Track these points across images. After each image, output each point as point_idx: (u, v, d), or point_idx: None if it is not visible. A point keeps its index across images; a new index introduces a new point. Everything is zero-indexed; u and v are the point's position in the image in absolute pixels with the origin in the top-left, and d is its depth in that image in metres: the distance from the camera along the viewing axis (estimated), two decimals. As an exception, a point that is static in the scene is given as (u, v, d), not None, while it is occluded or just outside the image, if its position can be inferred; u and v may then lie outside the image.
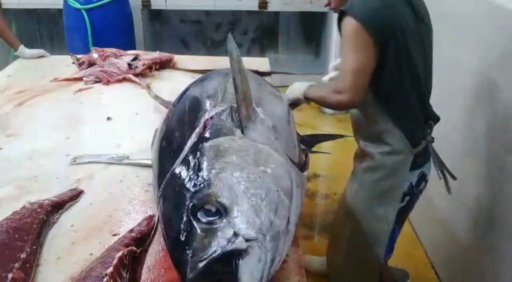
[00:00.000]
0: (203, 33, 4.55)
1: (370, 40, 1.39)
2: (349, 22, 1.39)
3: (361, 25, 1.37)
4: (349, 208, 1.76)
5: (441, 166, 1.66)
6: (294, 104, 1.64)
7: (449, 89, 2.15)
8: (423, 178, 1.67)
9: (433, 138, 1.66)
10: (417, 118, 1.59)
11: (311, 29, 4.56)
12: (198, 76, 1.78)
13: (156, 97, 1.97)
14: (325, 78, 1.79)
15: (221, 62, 1.25)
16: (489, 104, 1.89)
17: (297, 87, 1.62)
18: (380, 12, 1.42)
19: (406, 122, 1.56)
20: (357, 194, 1.72)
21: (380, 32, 1.40)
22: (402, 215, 1.70)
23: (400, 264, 2.20)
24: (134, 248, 1.08)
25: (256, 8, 4.24)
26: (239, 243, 0.89)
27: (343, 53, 1.46)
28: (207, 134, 1.13)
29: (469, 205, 2.03)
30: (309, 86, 1.60)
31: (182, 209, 0.97)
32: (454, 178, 1.69)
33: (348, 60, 1.44)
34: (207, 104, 1.29)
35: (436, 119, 1.66)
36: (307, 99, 1.59)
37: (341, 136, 2.20)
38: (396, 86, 1.52)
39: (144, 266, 1.10)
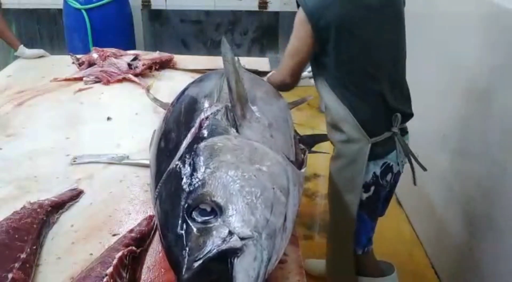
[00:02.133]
0: (203, 33, 4.55)
1: (312, 31, 1.48)
2: (299, 12, 1.52)
3: (306, 16, 1.48)
4: (328, 197, 1.82)
5: (409, 157, 1.67)
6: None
7: (448, 89, 2.15)
8: (388, 169, 1.66)
9: (403, 130, 1.67)
10: (376, 109, 1.60)
11: (311, 29, 4.56)
12: (198, 76, 1.78)
13: (155, 99, 1.98)
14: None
15: (221, 62, 1.26)
16: (488, 103, 1.89)
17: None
18: (327, 5, 1.48)
19: (362, 112, 1.57)
20: (328, 183, 1.76)
21: (323, 25, 1.47)
22: (371, 205, 1.71)
23: (400, 264, 2.20)
24: (134, 248, 1.08)
25: (256, 8, 4.25)
26: (234, 242, 0.89)
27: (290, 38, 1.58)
28: (202, 134, 1.14)
29: (469, 205, 2.03)
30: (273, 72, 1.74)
31: (177, 209, 0.97)
32: (424, 169, 1.70)
33: (289, 45, 1.58)
34: (203, 104, 1.30)
35: (408, 114, 1.67)
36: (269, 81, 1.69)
37: (341, 136, 2.20)
38: (349, 76, 1.55)
39: (144, 266, 1.10)
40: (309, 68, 1.88)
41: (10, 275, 0.96)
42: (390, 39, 1.59)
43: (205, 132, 1.14)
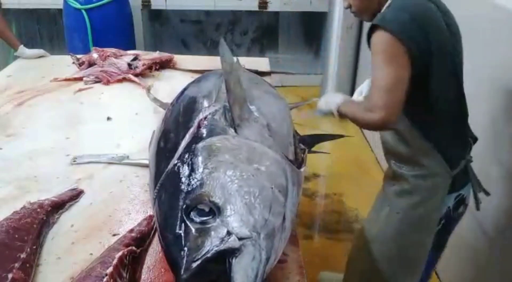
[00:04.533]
0: (203, 33, 4.56)
1: (405, 53, 1.28)
2: (381, 35, 1.29)
3: (395, 38, 1.27)
4: (376, 232, 1.63)
5: (478, 186, 1.56)
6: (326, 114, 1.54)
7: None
8: (461, 201, 1.55)
9: (471, 157, 1.55)
10: (457, 139, 1.49)
11: (311, 29, 4.57)
12: (198, 76, 1.78)
13: (155, 99, 1.98)
14: (359, 97, 1.70)
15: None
16: (490, 104, 1.89)
17: (332, 100, 1.49)
18: (414, 24, 1.31)
19: (446, 144, 1.45)
20: (390, 218, 1.58)
21: (415, 45, 1.29)
22: (438, 239, 1.59)
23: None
24: (134, 248, 1.08)
25: (256, 8, 4.25)
26: (232, 242, 0.89)
27: (374, 68, 1.33)
28: (200, 134, 1.14)
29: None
30: (344, 100, 1.47)
31: (176, 209, 0.97)
32: (487, 194, 1.59)
33: (381, 75, 1.31)
34: (202, 104, 1.30)
35: (474, 138, 1.56)
36: (340, 114, 1.46)
37: (341, 136, 2.20)
38: (430, 106, 1.41)
39: (144, 266, 1.10)
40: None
41: (10, 275, 0.96)
42: (461, 59, 1.47)
43: (203, 133, 1.14)
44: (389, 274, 1.62)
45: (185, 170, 1.04)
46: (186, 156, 1.08)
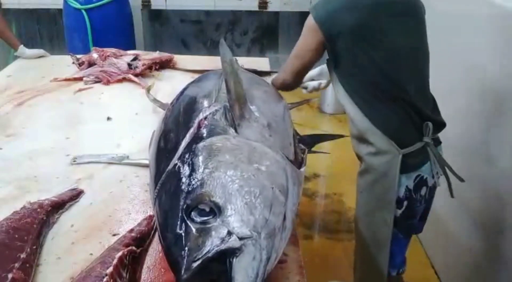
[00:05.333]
0: (203, 33, 4.56)
1: (324, 39, 1.46)
2: (308, 19, 1.49)
3: (316, 24, 1.45)
4: (355, 216, 1.72)
5: (444, 169, 1.58)
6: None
7: (448, 90, 2.14)
8: (422, 183, 1.57)
9: (436, 141, 1.59)
10: (405, 118, 1.52)
11: (311, 29, 4.56)
12: (198, 76, 1.78)
13: (155, 100, 1.97)
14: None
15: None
16: (490, 105, 1.89)
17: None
18: (340, 14, 1.45)
19: (389, 121, 1.51)
20: (358, 200, 1.68)
21: (335, 33, 1.44)
22: (404, 222, 1.61)
23: (400, 263, 2.20)
24: (134, 248, 1.08)
25: (256, 8, 4.26)
26: (233, 242, 0.89)
27: (298, 41, 1.58)
28: (201, 134, 1.14)
29: (469, 205, 2.03)
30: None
31: (176, 209, 0.97)
32: (461, 180, 1.61)
33: (296, 46, 1.58)
34: (202, 104, 1.30)
35: (439, 122, 1.59)
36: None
37: (341, 136, 2.20)
38: (374, 85, 1.49)
39: (144, 266, 1.10)
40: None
41: (10, 275, 0.96)
42: (413, 46, 1.53)
43: (203, 133, 1.14)
44: (364, 251, 1.71)
45: (185, 170, 1.04)
46: (187, 155, 1.07)
